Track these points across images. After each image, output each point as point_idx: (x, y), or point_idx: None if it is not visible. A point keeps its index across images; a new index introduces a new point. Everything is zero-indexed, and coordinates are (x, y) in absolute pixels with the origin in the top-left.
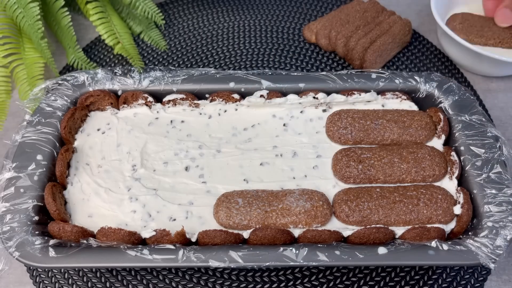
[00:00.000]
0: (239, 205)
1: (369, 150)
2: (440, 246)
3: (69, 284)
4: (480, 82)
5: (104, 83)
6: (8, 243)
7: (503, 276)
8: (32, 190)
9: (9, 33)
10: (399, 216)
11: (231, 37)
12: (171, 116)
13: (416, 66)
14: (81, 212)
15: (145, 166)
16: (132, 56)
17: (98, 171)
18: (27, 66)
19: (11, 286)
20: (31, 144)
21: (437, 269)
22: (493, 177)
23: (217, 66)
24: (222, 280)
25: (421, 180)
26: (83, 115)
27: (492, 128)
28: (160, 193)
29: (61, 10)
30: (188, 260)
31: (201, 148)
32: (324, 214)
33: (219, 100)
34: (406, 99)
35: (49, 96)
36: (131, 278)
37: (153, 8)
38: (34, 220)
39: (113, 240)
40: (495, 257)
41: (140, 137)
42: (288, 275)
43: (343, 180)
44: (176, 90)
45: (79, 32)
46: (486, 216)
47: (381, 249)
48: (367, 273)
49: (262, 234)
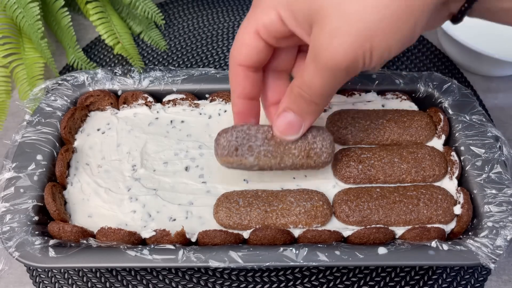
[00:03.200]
0: (239, 205)
1: (369, 150)
2: (440, 246)
3: (69, 284)
4: (480, 82)
5: (104, 83)
6: (8, 243)
7: (503, 276)
8: (32, 190)
9: (9, 33)
10: (399, 216)
11: (231, 37)
12: (171, 116)
13: (416, 66)
14: (81, 212)
15: (145, 166)
16: (132, 56)
17: (98, 171)
18: (27, 66)
19: (11, 286)
20: (31, 144)
21: (437, 269)
22: (493, 177)
23: (217, 66)
24: (222, 280)
25: (421, 180)
26: (83, 115)
27: (492, 128)
28: (160, 193)
29: (61, 10)
30: (188, 260)
31: (201, 148)
32: (324, 214)
33: (219, 100)
34: (406, 99)
35: (49, 96)
36: (131, 278)
37: (153, 8)
38: (34, 220)
39: (113, 240)
40: (495, 257)
41: (140, 137)
42: (288, 275)
43: (343, 180)
44: (176, 90)
45: (79, 32)
46: (486, 216)
47: (381, 249)
48: (367, 273)
49: (262, 234)
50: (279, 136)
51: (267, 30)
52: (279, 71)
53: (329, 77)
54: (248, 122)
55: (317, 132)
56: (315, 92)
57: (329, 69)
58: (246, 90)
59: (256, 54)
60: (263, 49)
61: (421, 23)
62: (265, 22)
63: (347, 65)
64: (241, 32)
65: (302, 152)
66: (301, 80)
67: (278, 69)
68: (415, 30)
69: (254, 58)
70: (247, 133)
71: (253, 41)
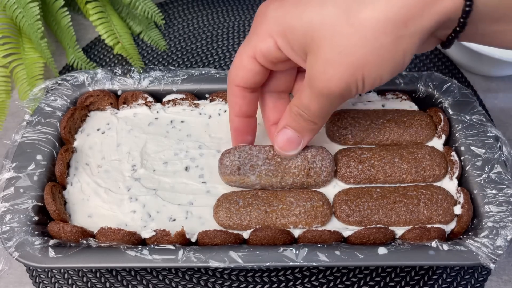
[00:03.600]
0: (239, 206)
1: (369, 150)
2: (441, 246)
3: (69, 284)
4: (480, 82)
5: (104, 83)
6: (8, 243)
7: (503, 276)
8: (31, 190)
9: (9, 33)
10: (399, 216)
11: (231, 37)
12: (171, 116)
13: (416, 66)
14: (80, 212)
15: (145, 166)
16: (132, 56)
17: (98, 171)
18: (27, 66)
19: (10, 286)
20: (31, 144)
21: (437, 269)
22: (494, 177)
23: (217, 66)
24: (222, 280)
25: (421, 180)
26: (83, 115)
27: (492, 128)
28: (160, 193)
29: (60, 10)
30: (188, 260)
31: (201, 148)
32: (324, 214)
33: (219, 100)
34: (406, 99)
35: (48, 96)
36: (131, 278)
37: (153, 8)
38: (33, 220)
39: (113, 240)
40: (495, 257)
41: (140, 137)
42: (288, 275)
43: (343, 180)
44: (176, 90)
45: (79, 32)
46: (486, 216)
47: (381, 249)
48: (367, 274)
49: (262, 235)
50: (279, 151)
51: (263, 56)
52: (280, 92)
53: (324, 102)
54: (245, 137)
55: (317, 152)
56: (313, 114)
57: (324, 95)
58: (243, 108)
59: (253, 76)
60: (259, 72)
61: (410, 52)
62: (262, 48)
63: (340, 92)
64: (238, 55)
65: (302, 171)
66: (299, 102)
67: (279, 90)
68: (404, 60)
69: (250, 80)
70: (249, 153)
71: (250, 65)
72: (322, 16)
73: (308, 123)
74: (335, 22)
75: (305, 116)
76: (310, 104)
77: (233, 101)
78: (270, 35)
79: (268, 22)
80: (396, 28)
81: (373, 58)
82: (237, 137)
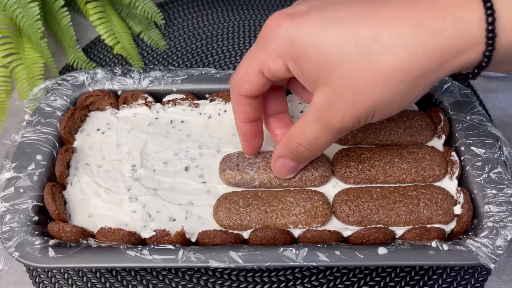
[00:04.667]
0: (239, 206)
1: (369, 150)
2: (440, 246)
3: (69, 284)
4: (480, 82)
5: (104, 83)
6: (8, 243)
7: (503, 276)
8: (31, 190)
9: (9, 33)
10: (399, 216)
11: (231, 37)
12: (171, 116)
13: None
14: (80, 212)
15: (145, 166)
16: (132, 56)
17: (98, 171)
18: (27, 66)
19: (10, 286)
20: (31, 144)
21: (437, 269)
22: (494, 177)
23: (217, 66)
24: (222, 280)
25: (421, 180)
26: (83, 115)
27: (492, 128)
28: (160, 193)
29: (60, 10)
30: (188, 260)
31: (201, 148)
32: (324, 214)
33: (219, 100)
34: None
35: (48, 96)
36: (131, 278)
37: (153, 8)
38: (33, 220)
39: (112, 240)
40: (495, 257)
41: (140, 137)
42: (288, 275)
43: (343, 180)
44: (176, 90)
45: (79, 32)
46: (486, 216)
47: (381, 249)
48: (367, 273)
49: (262, 235)
50: (277, 175)
51: (271, 73)
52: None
53: (333, 135)
54: (255, 140)
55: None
56: (317, 148)
57: (335, 130)
58: (249, 115)
59: (258, 88)
60: (265, 84)
61: (422, 94)
62: (270, 67)
63: (351, 126)
64: (244, 68)
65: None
66: (300, 137)
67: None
68: (416, 99)
69: (256, 91)
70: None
71: (256, 78)
72: (342, 53)
73: (307, 156)
74: (355, 61)
75: (306, 152)
76: (318, 138)
77: (239, 109)
78: (281, 56)
79: (281, 43)
80: (414, 79)
81: (388, 101)
82: (247, 142)
